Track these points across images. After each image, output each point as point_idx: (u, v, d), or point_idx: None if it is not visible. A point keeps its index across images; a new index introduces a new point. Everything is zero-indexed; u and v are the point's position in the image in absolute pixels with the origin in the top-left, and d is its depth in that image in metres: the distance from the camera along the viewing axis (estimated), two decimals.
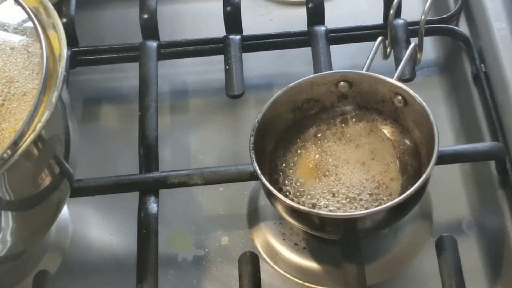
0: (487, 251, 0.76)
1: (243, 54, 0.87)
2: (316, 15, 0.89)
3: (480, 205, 0.79)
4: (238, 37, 0.89)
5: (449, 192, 0.80)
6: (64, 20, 0.89)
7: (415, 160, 0.75)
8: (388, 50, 0.82)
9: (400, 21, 0.87)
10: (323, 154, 0.76)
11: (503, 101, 0.82)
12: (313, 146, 0.77)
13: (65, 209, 0.80)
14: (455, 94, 0.87)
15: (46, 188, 0.66)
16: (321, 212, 0.70)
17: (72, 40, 0.89)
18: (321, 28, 0.88)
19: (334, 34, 0.89)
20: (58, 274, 0.77)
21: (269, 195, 0.72)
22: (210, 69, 0.92)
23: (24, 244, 0.70)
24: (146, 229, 0.75)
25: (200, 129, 0.88)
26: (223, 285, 0.76)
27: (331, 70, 0.83)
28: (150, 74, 0.85)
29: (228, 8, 0.89)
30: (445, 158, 0.77)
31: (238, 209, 0.80)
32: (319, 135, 0.78)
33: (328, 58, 0.85)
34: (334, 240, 0.74)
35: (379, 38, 0.79)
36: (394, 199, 0.69)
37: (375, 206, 0.71)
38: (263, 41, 0.90)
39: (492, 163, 0.80)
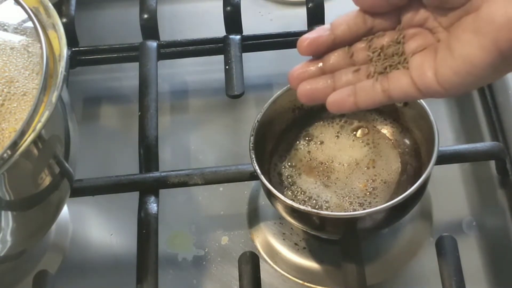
0: (487, 251, 0.76)
1: (243, 54, 0.87)
2: (316, 15, 0.89)
3: (480, 205, 0.79)
4: (238, 37, 0.88)
5: (449, 192, 0.80)
6: (64, 20, 0.89)
7: (415, 160, 0.75)
8: None
9: None
10: (323, 154, 0.76)
11: (503, 101, 0.82)
12: (313, 146, 0.77)
13: (65, 209, 0.80)
14: None
15: (46, 188, 0.66)
16: (321, 212, 0.70)
17: (72, 40, 0.89)
18: None
19: None
20: (58, 274, 0.77)
21: (269, 195, 0.72)
22: (210, 69, 0.92)
23: (24, 244, 0.70)
24: (146, 229, 0.75)
25: (200, 129, 0.88)
26: (223, 285, 0.76)
27: None
28: (150, 74, 0.85)
29: (228, 8, 0.89)
30: (445, 158, 0.77)
31: (238, 209, 0.80)
32: (319, 135, 0.77)
33: None
34: (334, 240, 0.74)
35: None
36: (393, 199, 0.69)
37: (375, 206, 0.71)
38: (263, 41, 0.90)
39: (492, 163, 0.80)
